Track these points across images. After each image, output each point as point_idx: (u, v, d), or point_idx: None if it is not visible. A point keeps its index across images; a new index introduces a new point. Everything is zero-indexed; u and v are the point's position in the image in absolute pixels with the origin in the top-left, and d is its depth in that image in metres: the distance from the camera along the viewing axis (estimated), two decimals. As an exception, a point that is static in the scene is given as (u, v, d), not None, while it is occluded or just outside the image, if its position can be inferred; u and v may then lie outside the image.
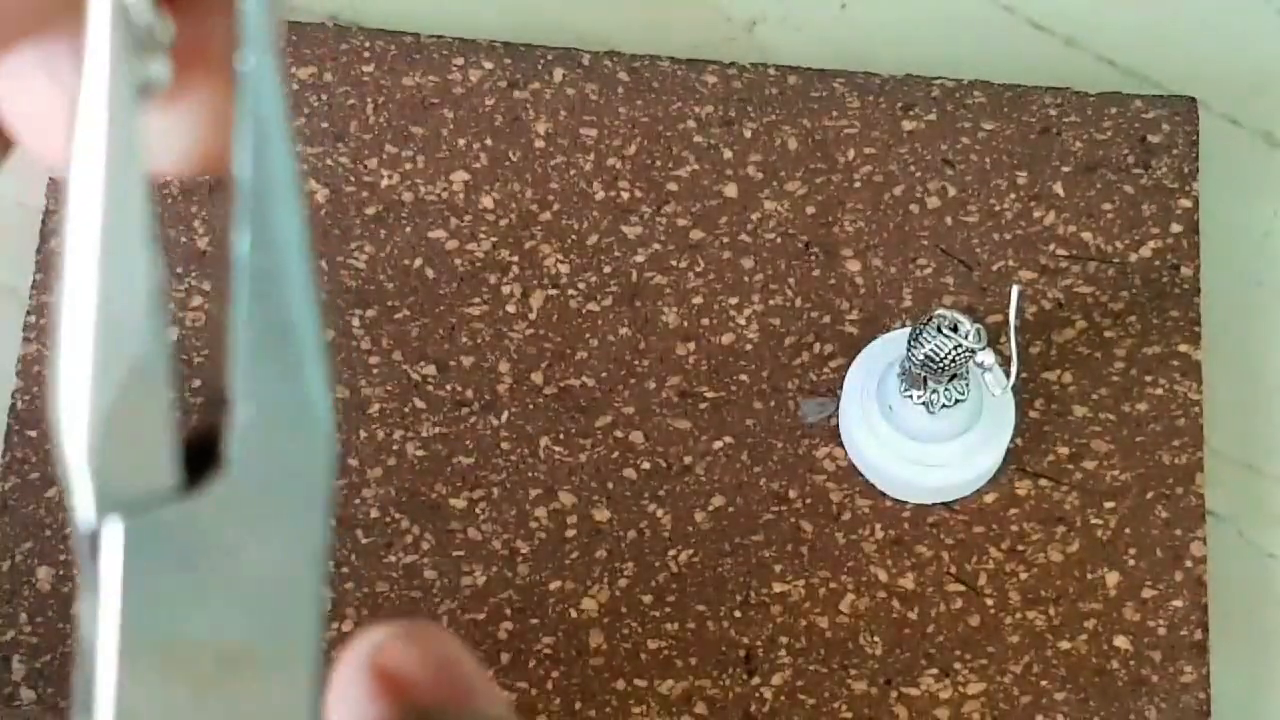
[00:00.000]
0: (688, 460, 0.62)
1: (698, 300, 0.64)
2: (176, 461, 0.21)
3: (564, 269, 0.65)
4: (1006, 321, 0.60)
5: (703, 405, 0.63)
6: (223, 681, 0.21)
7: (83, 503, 0.20)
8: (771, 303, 0.64)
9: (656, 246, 0.65)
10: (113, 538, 0.20)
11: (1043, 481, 0.62)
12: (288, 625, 0.22)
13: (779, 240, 0.65)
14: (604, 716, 0.59)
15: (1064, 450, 0.62)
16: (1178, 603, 0.60)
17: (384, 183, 0.66)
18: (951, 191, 0.66)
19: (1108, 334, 0.64)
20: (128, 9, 0.20)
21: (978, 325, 0.58)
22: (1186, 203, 0.65)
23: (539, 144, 0.66)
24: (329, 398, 0.21)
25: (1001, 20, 0.71)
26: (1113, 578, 0.61)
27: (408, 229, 0.65)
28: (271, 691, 0.22)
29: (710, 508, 0.62)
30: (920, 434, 0.60)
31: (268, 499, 0.21)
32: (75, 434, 0.20)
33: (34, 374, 0.62)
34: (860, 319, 0.64)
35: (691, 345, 0.64)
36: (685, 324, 0.64)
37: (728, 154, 0.66)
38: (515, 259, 0.65)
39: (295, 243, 0.21)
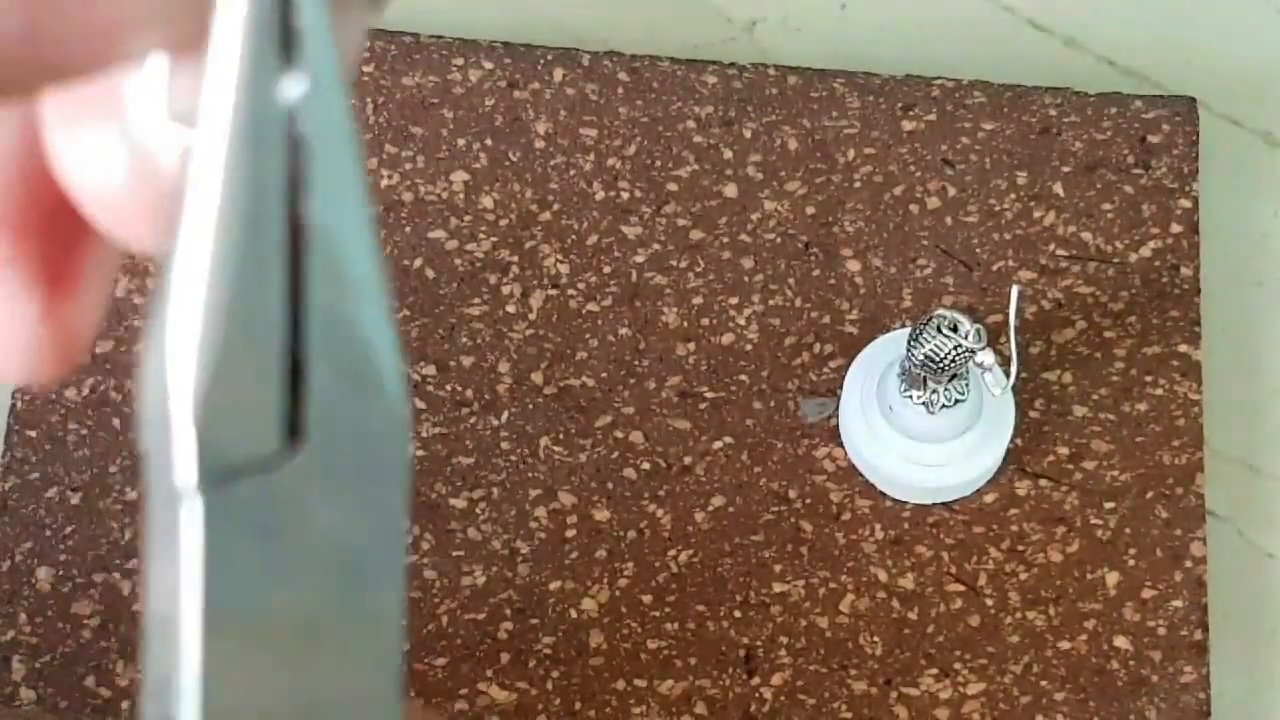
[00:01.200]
0: (688, 460, 0.62)
1: (698, 300, 0.64)
2: (282, 425, 0.20)
3: (564, 269, 0.65)
4: (1006, 321, 0.60)
5: (703, 405, 0.63)
6: (304, 653, 0.21)
7: (181, 465, 0.19)
8: (771, 303, 0.64)
9: (656, 246, 0.65)
10: (194, 508, 0.20)
11: (1043, 481, 0.62)
12: (369, 597, 0.21)
13: (779, 240, 0.65)
14: (604, 716, 0.59)
15: (1064, 450, 0.62)
16: (1178, 603, 0.60)
17: (384, 183, 0.66)
18: (951, 191, 0.66)
19: (1108, 334, 0.64)
20: None
21: (978, 325, 0.58)
22: (1186, 203, 0.65)
23: (539, 144, 0.66)
24: (398, 359, 0.20)
25: (1001, 20, 0.71)
26: (1113, 578, 0.61)
27: (408, 229, 0.65)
28: (353, 663, 0.21)
29: (710, 508, 0.62)
30: (920, 434, 0.60)
31: (346, 467, 0.20)
32: (181, 389, 0.19)
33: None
34: (860, 319, 0.64)
35: (691, 345, 0.64)
36: (685, 324, 0.64)
37: (728, 154, 0.66)
38: (515, 259, 0.65)
39: (356, 198, 0.20)
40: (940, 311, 0.58)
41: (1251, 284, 0.67)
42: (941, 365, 0.58)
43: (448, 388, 0.63)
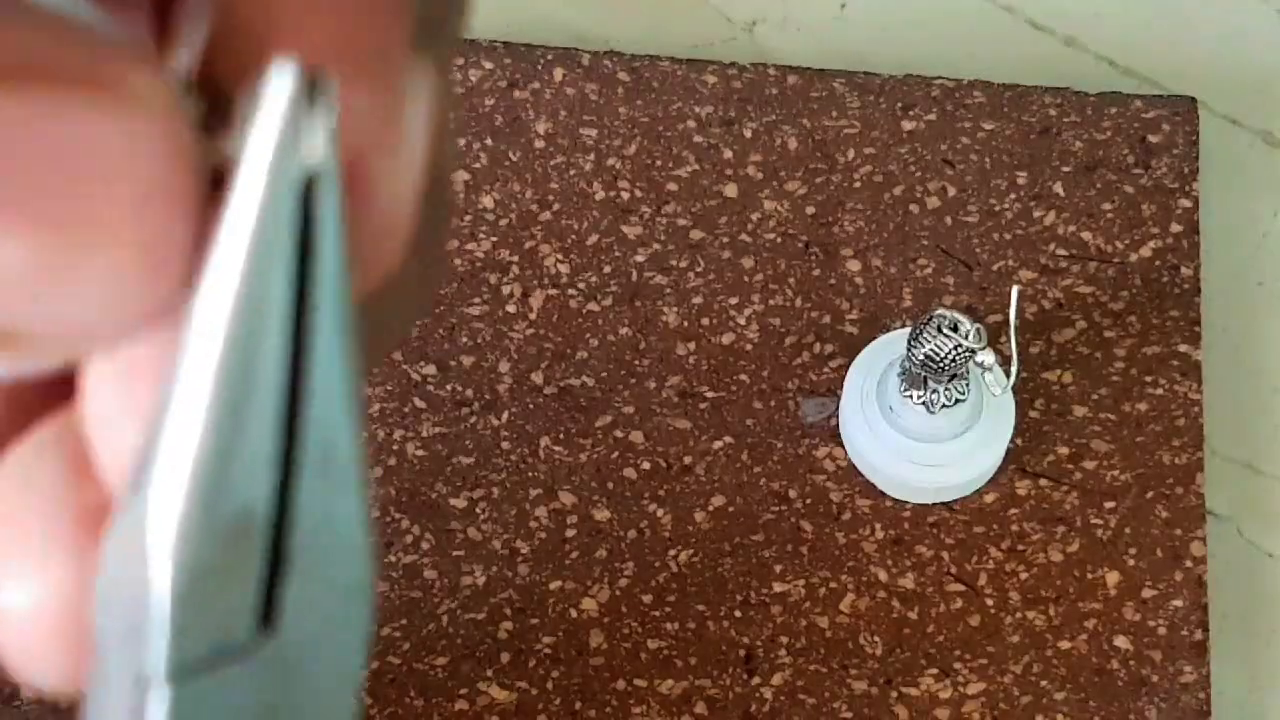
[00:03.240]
0: (688, 460, 0.62)
1: (698, 300, 0.64)
2: (256, 616, 0.20)
3: (564, 269, 0.65)
4: (1006, 321, 0.60)
5: (703, 405, 0.63)
6: None
7: (154, 653, 0.19)
8: (771, 303, 0.64)
9: (656, 246, 0.65)
10: (160, 697, 0.19)
11: (1043, 481, 0.62)
12: None
13: (779, 240, 0.65)
14: (604, 716, 0.59)
15: (1064, 450, 0.62)
16: (1178, 603, 0.60)
17: (384, 183, 0.65)
18: (951, 191, 0.66)
19: (1108, 334, 0.64)
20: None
21: (978, 325, 0.58)
22: (1186, 203, 0.65)
23: (539, 144, 0.66)
24: (370, 558, 0.20)
25: (1001, 20, 0.71)
26: (1113, 578, 0.61)
27: (408, 229, 0.65)
28: None
29: (710, 508, 0.62)
30: (920, 434, 0.60)
31: (310, 659, 0.20)
32: (162, 574, 0.19)
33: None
34: (860, 319, 0.64)
35: (691, 345, 0.64)
36: (685, 324, 0.64)
37: (728, 154, 0.66)
38: (515, 259, 0.65)
39: (346, 388, 0.19)
40: (940, 311, 0.58)
41: (1251, 284, 0.67)
42: (941, 365, 0.58)
43: (448, 388, 0.63)
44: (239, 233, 0.18)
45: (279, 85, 0.18)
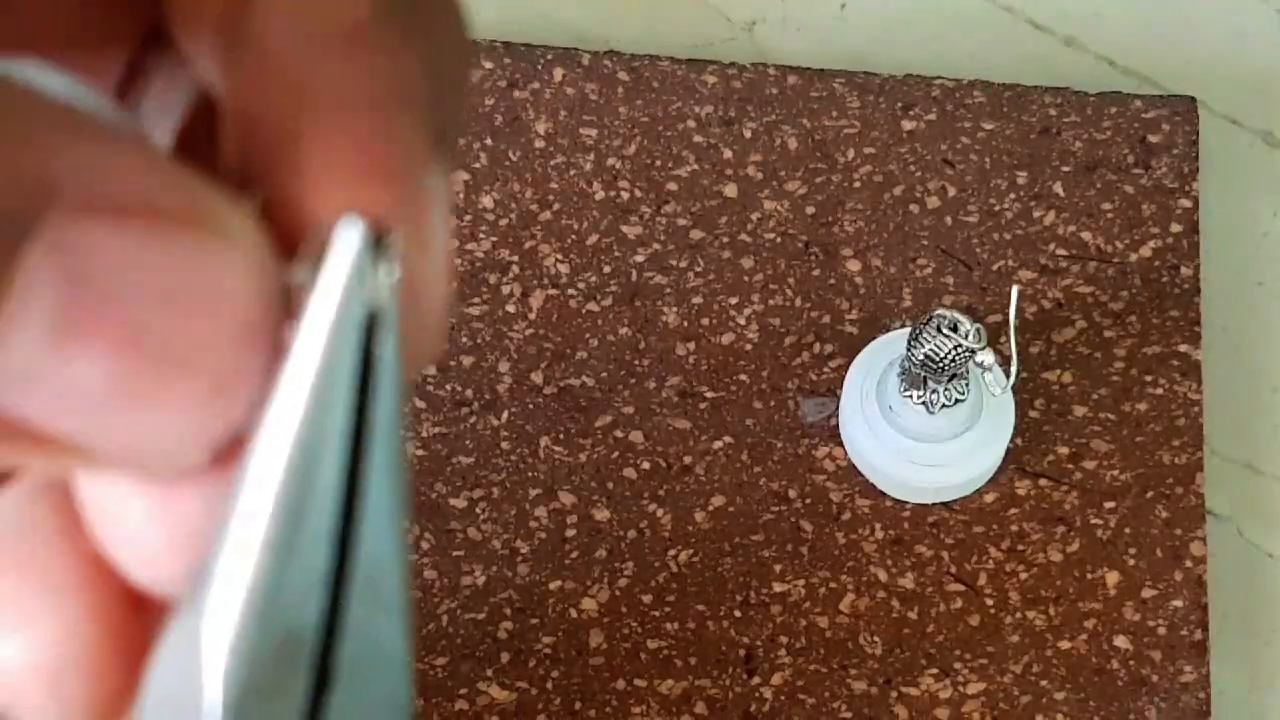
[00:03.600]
0: (688, 460, 0.62)
1: (698, 300, 0.64)
2: None
3: (564, 269, 0.65)
4: (1006, 321, 0.60)
5: (703, 405, 0.63)
6: None
7: None
8: (771, 303, 0.64)
9: (656, 246, 0.65)
10: None
11: (1043, 481, 0.62)
12: None
13: (779, 240, 0.65)
14: (604, 716, 0.59)
15: (1064, 450, 0.62)
16: (1178, 603, 0.60)
17: (384, 183, 0.65)
18: (951, 191, 0.66)
19: (1108, 334, 0.64)
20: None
21: (977, 325, 0.58)
22: (1186, 203, 0.65)
23: (539, 144, 0.66)
24: (411, 679, 0.21)
25: (1001, 20, 0.71)
26: (1113, 578, 0.61)
27: (408, 229, 0.65)
28: None
29: (710, 508, 0.62)
30: (920, 434, 0.60)
31: None
32: (214, 688, 0.19)
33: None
34: (860, 319, 0.64)
35: (691, 345, 0.64)
36: (685, 324, 0.64)
37: (728, 154, 0.66)
38: (515, 259, 0.65)
39: (396, 519, 0.20)
40: (940, 311, 0.58)
41: (1251, 284, 0.67)
42: (941, 365, 0.58)
43: (448, 388, 0.63)
44: (305, 371, 0.19)
45: (348, 240, 0.19)
